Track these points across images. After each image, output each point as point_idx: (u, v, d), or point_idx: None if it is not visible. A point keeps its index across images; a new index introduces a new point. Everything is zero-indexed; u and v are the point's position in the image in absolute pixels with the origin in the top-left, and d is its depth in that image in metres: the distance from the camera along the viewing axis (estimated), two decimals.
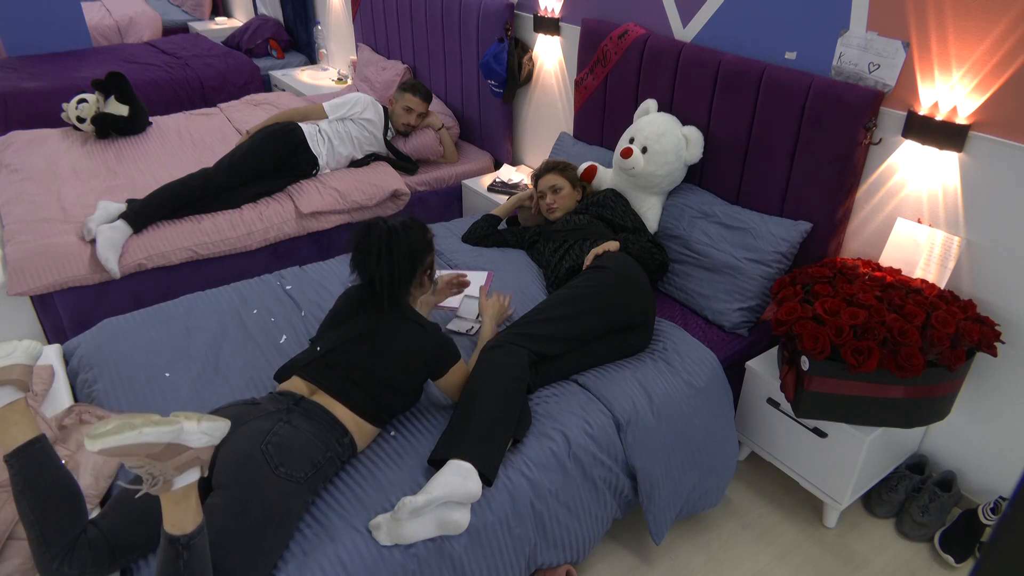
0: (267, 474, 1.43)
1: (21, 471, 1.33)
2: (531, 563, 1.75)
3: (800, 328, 1.82)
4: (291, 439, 1.51)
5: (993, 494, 2.13)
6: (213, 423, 1.26)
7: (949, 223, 2.00)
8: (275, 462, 1.45)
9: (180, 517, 1.23)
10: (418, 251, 1.79)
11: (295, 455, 1.49)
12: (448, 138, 3.56)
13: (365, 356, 1.70)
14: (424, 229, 1.84)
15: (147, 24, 6.15)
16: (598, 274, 2.09)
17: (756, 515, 2.20)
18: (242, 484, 1.42)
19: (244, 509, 1.39)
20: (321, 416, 1.61)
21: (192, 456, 1.22)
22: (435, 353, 1.76)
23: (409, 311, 1.78)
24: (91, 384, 1.96)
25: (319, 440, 1.56)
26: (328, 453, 1.57)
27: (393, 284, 1.74)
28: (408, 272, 1.77)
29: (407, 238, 1.76)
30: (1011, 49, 1.75)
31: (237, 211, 2.93)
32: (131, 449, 1.15)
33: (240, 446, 1.46)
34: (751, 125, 2.34)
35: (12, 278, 2.49)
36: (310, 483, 1.52)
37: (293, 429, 1.54)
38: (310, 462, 1.52)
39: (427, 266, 1.84)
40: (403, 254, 1.75)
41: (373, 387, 1.68)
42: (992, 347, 1.80)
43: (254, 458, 1.44)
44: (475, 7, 3.36)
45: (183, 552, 1.23)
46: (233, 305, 2.29)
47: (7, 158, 3.29)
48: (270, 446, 1.47)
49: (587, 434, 1.82)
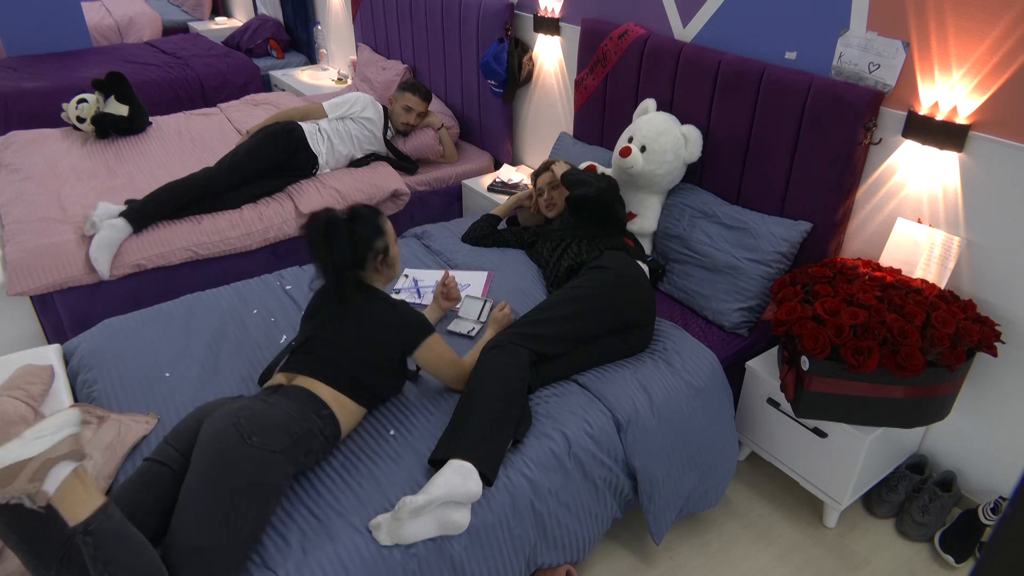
0: (238, 444, 1.43)
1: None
2: (531, 563, 1.75)
3: (800, 328, 1.82)
4: (265, 412, 1.52)
5: (993, 494, 2.13)
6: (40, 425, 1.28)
7: (949, 223, 2.00)
8: (247, 432, 1.45)
9: (69, 509, 1.26)
10: (363, 238, 1.78)
11: (269, 426, 1.49)
12: (448, 138, 3.56)
13: (338, 339, 1.72)
14: (373, 215, 1.82)
15: (147, 24, 6.15)
16: (599, 274, 2.09)
17: (756, 515, 2.20)
18: (213, 458, 1.42)
19: (214, 481, 1.40)
20: (299, 394, 1.62)
21: (40, 462, 1.23)
22: (403, 325, 1.76)
23: (373, 291, 1.80)
24: (91, 384, 1.96)
25: (296, 413, 1.56)
26: (306, 424, 1.56)
27: (338, 271, 1.74)
28: (353, 259, 1.77)
29: (350, 226, 1.76)
30: (1011, 49, 1.75)
31: (237, 211, 2.93)
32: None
33: (214, 425, 1.47)
34: (751, 125, 2.34)
35: (12, 278, 2.49)
36: (288, 454, 1.50)
37: (268, 405, 1.55)
38: (285, 432, 1.51)
39: (377, 251, 1.81)
40: (344, 242, 1.74)
41: (349, 365, 1.70)
42: (992, 347, 1.80)
43: (226, 431, 1.45)
44: (475, 7, 3.36)
45: (85, 539, 1.25)
46: (233, 305, 2.29)
47: (7, 158, 3.29)
48: (242, 419, 1.47)
49: (587, 434, 1.82)
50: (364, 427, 1.80)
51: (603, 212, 2.29)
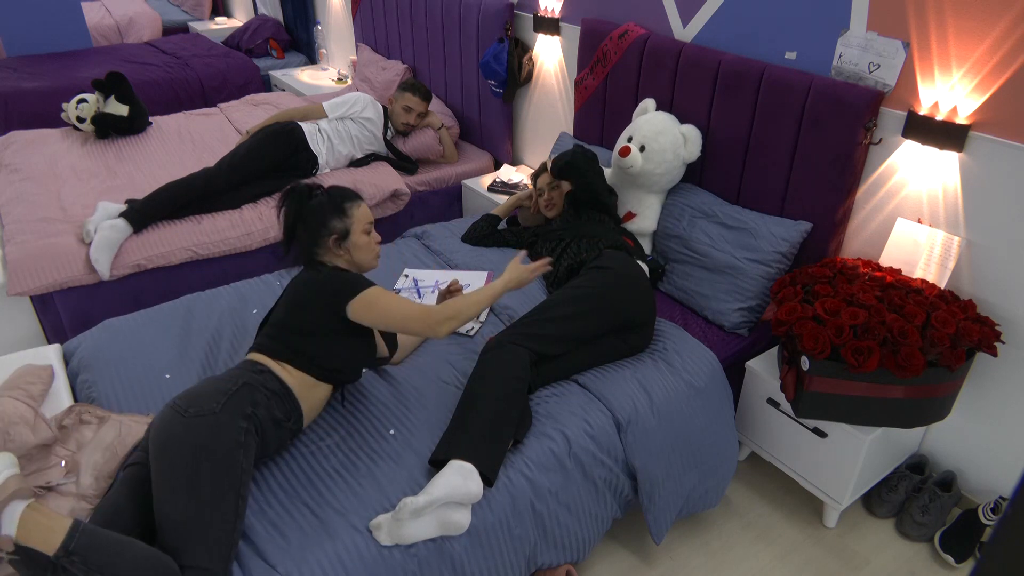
0: (179, 421, 1.47)
1: None
2: (531, 563, 1.75)
3: (800, 328, 1.82)
4: (196, 387, 1.58)
5: (993, 494, 2.13)
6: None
7: (949, 223, 2.00)
8: (183, 408, 1.50)
9: (42, 541, 1.28)
10: (317, 213, 1.78)
11: (202, 396, 1.53)
12: (448, 138, 3.56)
13: (277, 311, 1.77)
14: (341, 197, 1.82)
15: (147, 24, 6.15)
16: (599, 274, 2.09)
17: (756, 515, 2.20)
18: (163, 442, 1.46)
19: (172, 461, 1.44)
20: (235, 367, 1.67)
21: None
22: (331, 284, 1.72)
23: (321, 265, 1.81)
24: (91, 384, 1.96)
25: (227, 377, 1.61)
26: (239, 380, 1.59)
27: (287, 242, 1.80)
28: (306, 230, 1.79)
29: (308, 201, 1.80)
30: (1011, 49, 1.75)
31: (237, 211, 2.93)
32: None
33: (158, 416, 1.53)
34: (751, 125, 2.34)
35: (12, 278, 2.49)
36: (229, 410, 1.51)
37: (200, 383, 1.60)
38: (218, 392, 1.54)
39: (333, 231, 1.79)
40: (293, 212, 1.79)
41: (284, 334, 1.73)
42: (992, 347, 1.80)
43: (166, 415, 1.50)
44: (475, 7, 3.36)
45: (72, 558, 1.28)
46: (233, 305, 2.29)
47: (7, 158, 3.28)
48: (177, 400, 1.53)
49: (587, 434, 1.82)
50: (364, 427, 1.80)
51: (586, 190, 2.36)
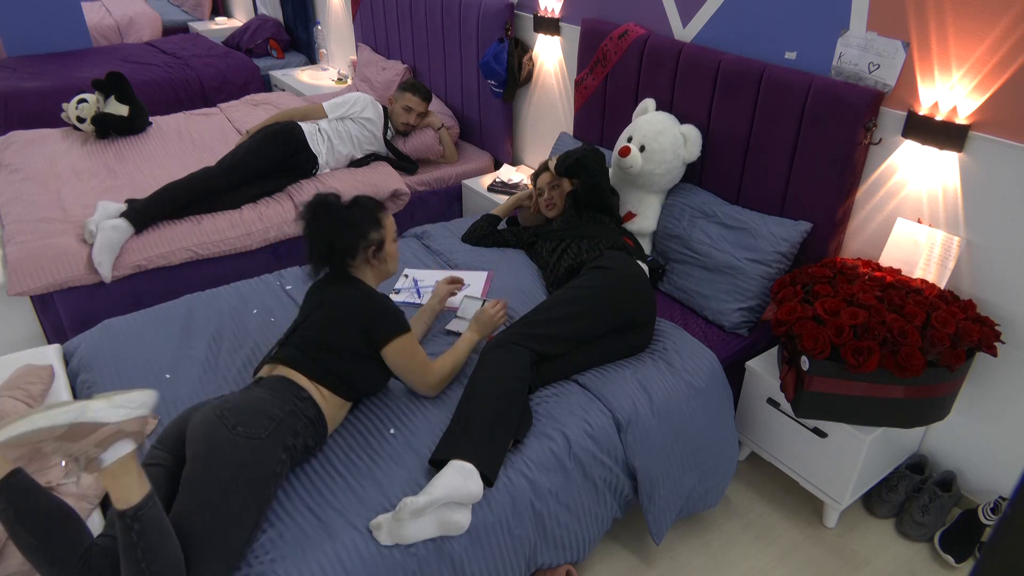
0: (226, 435, 1.46)
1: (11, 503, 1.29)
2: (531, 563, 1.75)
3: (800, 328, 1.82)
4: (244, 401, 1.56)
5: (993, 494, 2.13)
6: (129, 395, 1.28)
7: (949, 223, 2.00)
8: (231, 423, 1.48)
9: (123, 491, 1.26)
10: (356, 225, 1.79)
11: (250, 413, 1.52)
12: (448, 138, 3.56)
13: (311, 327, 1.75)
14: (374, 207, 1.84)
15: (147, 24, 6.15)
16: (599, 274, 2.09)
17: (756, 515, 2.20)
18: (205, 450, 1.45)
19: (210, 472, 1.42)
20: (277, 383, 1.65)
21: (112, 431, 1.23)
22: (373, 315, 1.75)
23: (354, 281, 1.81)
24: (91, 384, 1.96)
25: (274, 398, 1.59)
26: (287, 407, 1.59)
27: (324, 253, 1.78)
28: (343, 244, 1.78)
29: (345, 211, 1.79)
30: (1011, 49, 1.75)
31: (237, 211, 2.93)
32: (30, 436, 1.16)
33: (200, 419, 1.51)
34: (751, 125, 2.34)
35: (12, 278, 2.49)
36: (275, 439, 1.52)
37: (245, 393, 1.59)
38: (267, 417, 1.54)
39: (371, 242, 1.81)
40: (335, 224, 1.77)
41: (323, 354, 1.71)
42: (992, 347, 1.80)
43: (211, 423, 1.48)
44: (475, 7, 3.36)
45: (133, 524, 1.26)
46: (233, 305, 2.29)
47: (7, 158, 3.29)
48: (224, 411, 1.51)
49: (587, 434, 1.82)
50: (364, 427, 1.80)
51: (593, 190, 2.34)
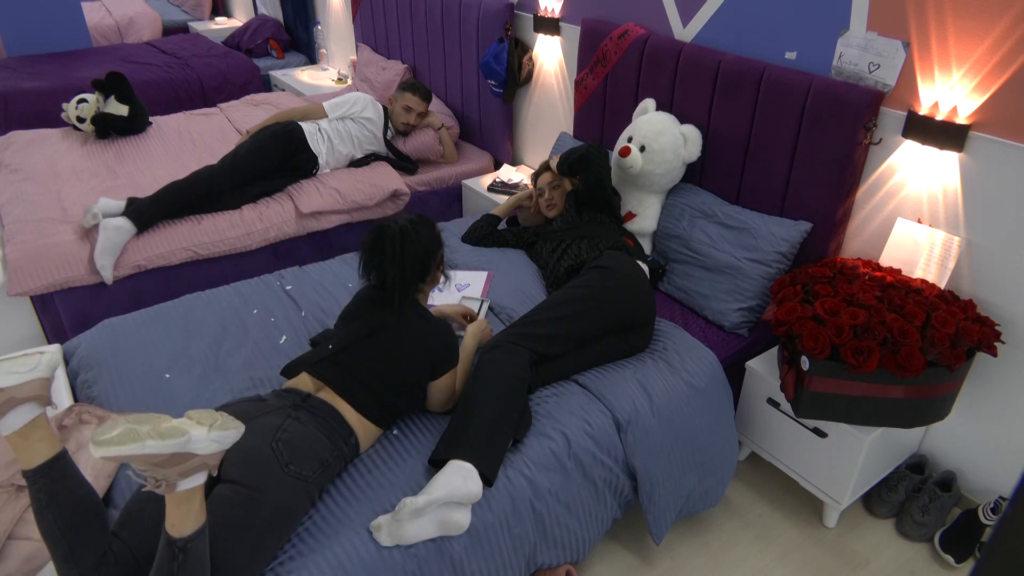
0: (277, 472, 1.44)
1: (47, 487, 1.29)
2: (531, 563, 1.75)
3: (800, 328, 1.82)
4: (300, 437, 1.51)
5: (993, 494, 2.13)
6: (224, 432, 1.24)
7: (949, 223, 2.00)
8: (285, 459, 1.46)
9: (181, 519, 1.22)
10: (430, 249, 1.80)
11: (304, 453, 1.50)
12: (448, 138, 3.56)
13: (372, 356, 1.71)
14: (432, 225, 1.85)
15: (147, 24, 6.15)
16: (599, 274, 2.09)
17: (756, 515, 2.20)
18: (252, 480, 1.41)
19: (253, 505, 1.39)
20: (328, 414, 1.61)
21: (199, 463, 1.22)
22: (439, 353, 1.77)
23: (418, 308, 1.80)
24: (91, 384, 1.96)
25: (327, 439, 1.57)
26: (335, 452, 1.58)
27: (406, 284, 1.75)
28: (421, 271, 1.79)
29: (418, 237, 1.77)
30: (1011, 49, 1.75)
31: (237, 211, 2.93)
32: (134, 459, 1.14)
33: (250, 442, 1.45)
34: (751, 125, 2.34)
35: (12, 278, 2.49)
36: (316, 482, 1.53)
37: (301, 426, 1.54)
38: (318, 460, 1.52)
39: (439, 261, 1.85)
40: (416, 254, 1.76)
41: (378, 387, 1.69)
42: (992, 347, 1.80)
43: (264, 455, 1.44)
44: (475, 7, 3.36)
45: (178, 555, 1.23)
46: (233, 305, 2.29)
47: (7, 158, 3.28)
48: (280, 443, 1.47)
49: (587, 434, 1.82)
50: None
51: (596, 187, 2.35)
